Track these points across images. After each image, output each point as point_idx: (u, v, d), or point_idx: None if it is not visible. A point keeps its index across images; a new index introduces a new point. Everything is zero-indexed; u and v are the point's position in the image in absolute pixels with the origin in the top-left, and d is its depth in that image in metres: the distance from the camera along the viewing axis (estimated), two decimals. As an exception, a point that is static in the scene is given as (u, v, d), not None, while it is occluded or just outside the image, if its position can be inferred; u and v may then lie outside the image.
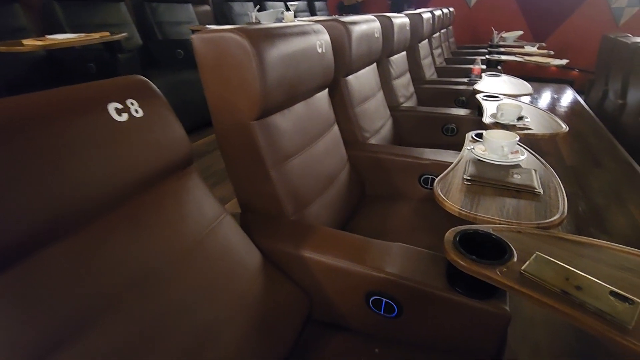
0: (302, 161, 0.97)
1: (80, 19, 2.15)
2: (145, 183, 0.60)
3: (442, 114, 1.73)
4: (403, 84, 2.03)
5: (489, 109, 1.43)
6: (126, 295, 0.52)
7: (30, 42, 1.53)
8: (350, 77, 1.37)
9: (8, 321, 0.41)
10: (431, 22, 2.75)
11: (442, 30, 3.59)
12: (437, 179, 0.88)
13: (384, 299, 0.70)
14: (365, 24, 1.41)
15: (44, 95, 0.51)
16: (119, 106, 0.57)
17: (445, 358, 0.65)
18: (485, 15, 5.05)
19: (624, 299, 0.51)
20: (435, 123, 1.72)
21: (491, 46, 3.75)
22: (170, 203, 0.64)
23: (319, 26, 1.07)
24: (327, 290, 0.77)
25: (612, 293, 0.52)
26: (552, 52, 3.11)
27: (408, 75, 2.17)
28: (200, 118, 2.08)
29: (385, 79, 1.81)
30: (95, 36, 1.72)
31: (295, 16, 3.30)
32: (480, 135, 1.10)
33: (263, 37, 0.80)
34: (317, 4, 5.07)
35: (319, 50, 1.02)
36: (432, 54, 2.93)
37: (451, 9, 4.04)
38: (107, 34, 1.83)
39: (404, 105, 1.95)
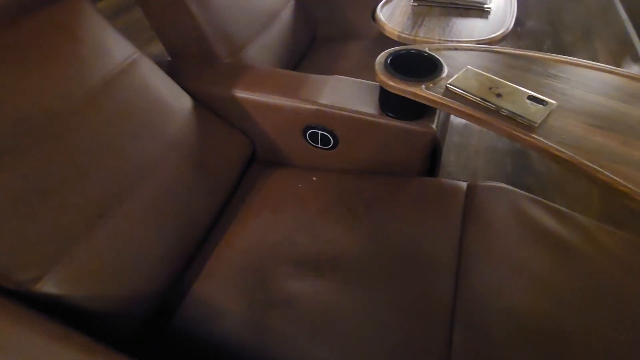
0: (228, -7, 0.82)
1: None
2: (10, 9, 0.49)
3: None
4: None
5: None
6: (26, 141, 0.47)
7: None
8: None
9: None
10: None
11: None
12: (380, 3, 0.78)
13: (320, 132, 0.70)
14: None
15: None
16: None
17: (377, 178, 0.70)
18: None
19: (540, 101, 0.52)
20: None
21: None
22: (58, 38, 0.55)
23: None
24: (267, 129, 0.76)
25: (530, 97, 0.52)
26: None
27: None
28: None
29: None
30: None
31: None
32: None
33: None
34: None
35: None
36: None
37: None
38: None
39: None
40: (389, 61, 0.59)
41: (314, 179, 0.72)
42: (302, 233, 0.63)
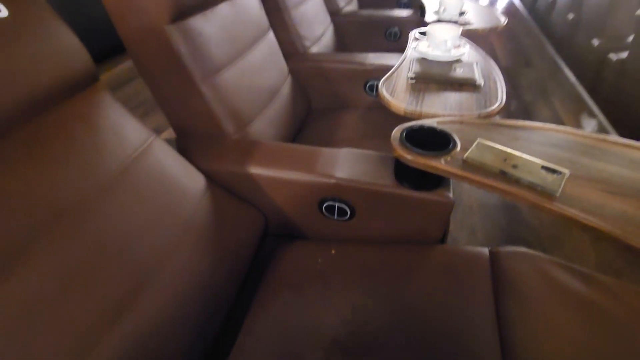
0: (236, 72, 0.86)
1: None
2: (36, 104, 0.49)
3: (384, 16, 1.63)
4: (342, -15, 1.84)
5: (431, 6, 1.36)
6: (39, 239, 0.44)
7: None
8: (281, -26, 1.19)
9: None
10: None
11: None
12: (381, 81, 0.84)
13: (337, 204, 0.70)
14: None
15: None
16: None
17: (397, 248, 0.70)
18: None
19: (553, 171, 0.55)
20: (379, 27, 1.63)
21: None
22: (78, 128, 0.54)
23: None
24: (280, 204, 0.76)
25: (543, 167, 0.55)
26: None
27: (347, -26, 1.96)
28: (108, 43, 1.74)
29: (322, -22, 1.62)
30: None
31: None
32: (424, 33, 1.05)
33: None
34: None
35: None
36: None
37: None
38: None
39: (345, 9, 1.80)
40: (404, 136, 0.62)
41: (333, 251, 0.70)
42: (329, 313, 0.60)
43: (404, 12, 1.67)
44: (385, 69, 1.12)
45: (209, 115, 0.80)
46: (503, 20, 1.20)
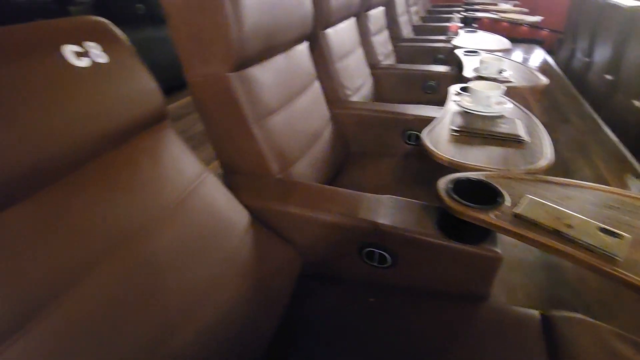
0: (285, 117, 0.92)
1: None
2: (114, 138, 0.54)
3: (422, 71, 1.70)
4: (382, 42, 1.96)
5: (470, 63, 1.41)
6: (104, 259, 0.47)
7: None
8: (329, 30, 1.30)
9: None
10: (408, -25, 2.64)
11: (418, -13, 3.48)
12: (424, 131, 0.86)
13: (378, 251, 0.70)
14: (343, -28, 1.32)
15: None
16: (77, 49, 0.50)
17: (439, 301, 0.67)
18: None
19: (612, 234, 0.52)
20: (416, 81, 1.69)
21: (467, 4, 3.69)
22: (145, 161, 0.59)
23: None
24: (319, 245, 0.76)
25: (601, 229, 0.53)
26: (526, 10, 3.10)
27: (386, 32, 2.10)
28: (169, 80, 1.91)
29: (365, 36, 1.74)
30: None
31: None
32: (464, 89, 1.08)
33: (236, -24, 0.72)
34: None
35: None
36: (408, 11, 2.85)
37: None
38: (53, -17, 1.62)
39: (384, 63, 1.90)
40: (450, 187, 0.62)
41: (371, 300, 0.68)
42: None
43: (441, 68, 1.74)
44: (424, 120, 1.15)
45: (257, 154, 0.84)
46: (545, 79, 1.22)
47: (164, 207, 0.57)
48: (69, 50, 0.49)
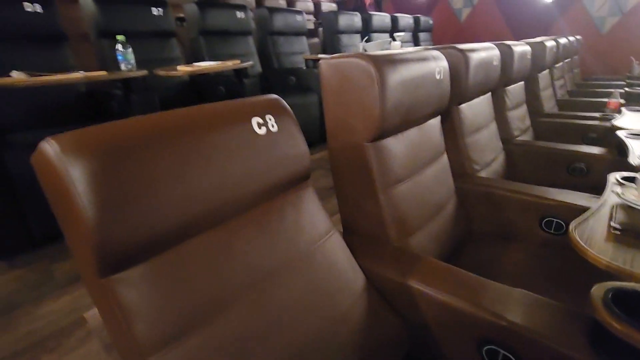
0: (410, 187, 0.94)
1: (217, 49, 2.55)
2: (271, 191, 0.65)
3: (567, 150, 1.52)
4: (519, 116, 1.86)
5: (636, 148, 1.20)
6: (248, 289, 0.56)
7: (183, 68, 1.87)
8: (463, 106, 1.31)
9: (154, 297, 0.48)
10: (555, 51, 2.49)
11: (566, 60, 3.22)
12: (573, 224, 0.76)
13: (502, 351, 0.62)
14: (484, 52, 1.35)
15: (199, 109, 0.59)
16: (260, 121, 0.64)
17: None
18: (621, 42, 4.39)
19: None
20: (559, 160, 1.52)
21: (630, 77, 3.21)
22: (289, 213, 0.68)
23: (438, 53, 1.06)
24: (432, 327, 0.71)
25: None
26: None
27: (525, 107, 1.98)
28: (308, 138, 2.22)
29: (500, 110, 1.68)
30: (229, 64, 2.02)
31: (402, 42, 3.35)
32: (629, 179, 0.92)
33: (387, 63, 0.82)
34: (421, 34, 5.08)
35: (437, 77, 1.00)
36: (553, 85, 2.65)
37: (579, 37, 3.62)
38: (238, 61, 2.12)
39: (519, 138, 1.78)
40: (610, 298, 0.53)
41: (490, 409, 0.59)
42: None
43: (593, 149, 1.52)
44: (569, 207, 1.01)
45: (379, 220, 0.88)
46: None
47: (299, 254, 0.65)
48: (255, 122, 0.63)
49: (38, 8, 1.70)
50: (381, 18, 4.23)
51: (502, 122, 1.69)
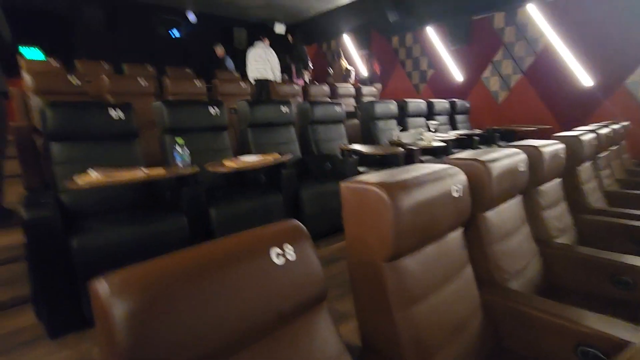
0: (428, 306, 0.94)
1: (263, 139, 2.88)
2: (284, 318, 0.70)
3: (610, 260, 1.41)
4: (556, 215, 1.79)
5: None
6: None
7: (229, 164, 2.15)
8: (489, 213, 1.32)
9: None
10: (595, 143, 2.44)
11: (612, 148, 3.11)
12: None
13: None
14: (508, 159, 1.37)
15: (223, 242, 0.69)
16: (279, 251, 0.72)
17: None
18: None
19: None
20: (601, 270, 1.42)
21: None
22: (302, 339, 0.72)
23: (455, 169, 1.12)
24: None
25: None
26: None
27: (563, 204, 1.91)
28: (337, 224, 2.30)
29: (533, 211, 1.65)
30: (270, 159, 2.26)
31: (435, 130, 3.49)
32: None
33: (400, 189, 0.89)
34: (458, 116, 5.24)
35: (455, 195, 1.05)
36: (598, 176, 2.54)
37: (625, 123, 3.53)
38: (278, 155, 2.36)
39: (558, 240, 1.69)
40: None
41: None
42: None
43: (641, 260, 1.41)
44: (608, 339, 0.94)
45: (395, 340, 0.88)
46: None
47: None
48: (274, 253, 0.71)
49: (121, 114, 2.10)
50: (417, 104, 4.48)
51: (536, 223, 1.64)
